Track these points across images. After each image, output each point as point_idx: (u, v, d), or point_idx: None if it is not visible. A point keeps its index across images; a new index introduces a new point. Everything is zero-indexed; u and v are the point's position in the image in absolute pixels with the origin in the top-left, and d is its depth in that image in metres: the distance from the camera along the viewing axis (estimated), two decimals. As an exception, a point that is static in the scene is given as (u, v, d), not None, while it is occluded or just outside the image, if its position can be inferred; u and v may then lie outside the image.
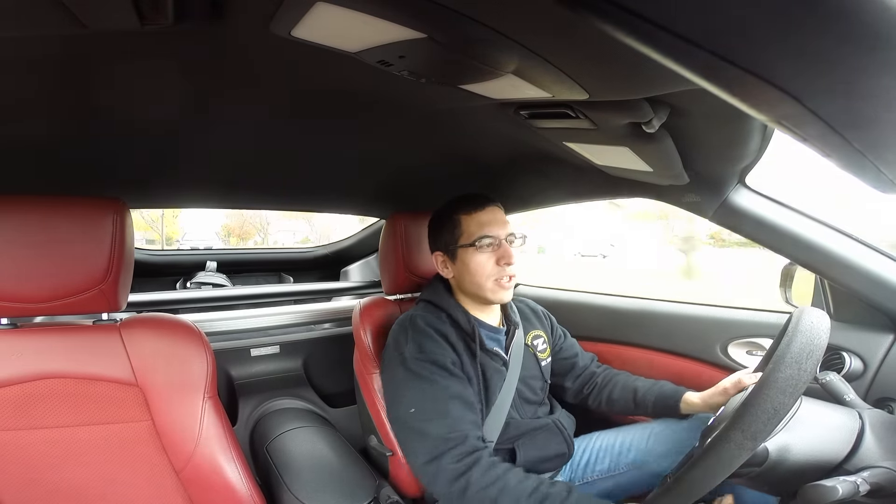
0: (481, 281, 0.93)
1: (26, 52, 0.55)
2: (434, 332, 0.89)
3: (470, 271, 0.94)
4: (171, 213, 9.26)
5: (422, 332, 0.89)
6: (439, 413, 0.81)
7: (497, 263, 0.92)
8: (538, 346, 1.06)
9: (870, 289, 0.87)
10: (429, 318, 0.93)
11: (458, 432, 0.80)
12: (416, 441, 0.82)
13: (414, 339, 0.89)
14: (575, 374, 1.14)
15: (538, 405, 1.02)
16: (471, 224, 0.94)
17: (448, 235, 0.97)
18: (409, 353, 0.87)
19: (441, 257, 1.00)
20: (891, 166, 0.36)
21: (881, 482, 0.59)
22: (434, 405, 0.82)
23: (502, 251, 0.93)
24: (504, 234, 0.94)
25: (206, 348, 0.86)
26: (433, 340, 0.88)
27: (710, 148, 0.81)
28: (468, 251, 0.94)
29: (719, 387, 0.90)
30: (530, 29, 0.46)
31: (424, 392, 0.84)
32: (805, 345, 0.57)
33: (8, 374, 0.75)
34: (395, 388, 0.88)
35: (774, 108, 0.30)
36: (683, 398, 0.97)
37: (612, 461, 1.01)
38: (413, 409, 0.83)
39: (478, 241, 0.92)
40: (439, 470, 0.78)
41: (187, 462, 0.81)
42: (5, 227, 0.73)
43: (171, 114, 0.80)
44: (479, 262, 0.93)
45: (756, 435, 0.55)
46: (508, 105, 0.74)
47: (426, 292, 1.02)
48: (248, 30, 0.53)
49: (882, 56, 0.24)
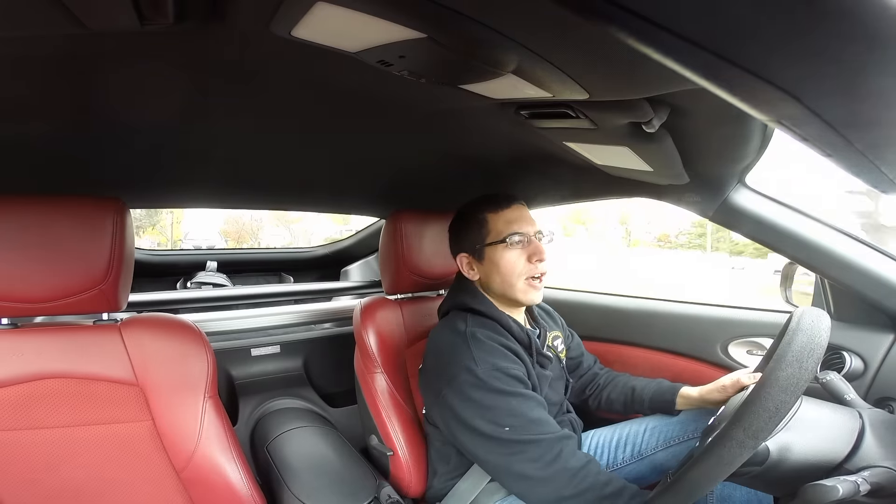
0: (512, 280, 0.90)
1: (26, 51, 0.55)
2: (499, 346, 0.86)
3: (500, 270, 0.91)
4: (176, 219, 9.39)
5: (488, 349, 0.85)
6: (539, 421, 0.79)
7: (529, 261, 0.90)
8: (558, 346, 1.06)
9: (870, 288, 0.87)
10: (487, 331, 0.88)
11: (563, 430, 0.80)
12: (530, 450, 0.77)
13: (482, 357, 0.83)
14: (578, 374, 1.15)
15: (560, 405, 1.02)
16: (498, 222, 0.93)
17: (474, 235, 0.94)
18: (482, 371, 0.82)
19: (466, 259, 0.97)
20: (891, 166, 0.36)
21: (881, 482, 0.59)
22: (531, 413, 0.80)
23: (533, 248, 0.91)
24: (532, 231, 0.93)
25: (206, 348, 0.86)
26: (502, 354, 0.85)
27: (710, 148, 0.81)
28: (497, 249, 0.91)
29: (718, 383, 0.90)
30: (530, 29, 0.46)
31: (515, 406, 0.80)
32: (806, 343, 0.57)
33: (8, 374, 0.75)
34: (475, 408, 0.81)
35: (774, 108, 0.30)
36: (680, 392, 0.97)
37: (611, 456, 1.01)
38: (508, 427, 0.78)
39: (508, 237, 0.90)
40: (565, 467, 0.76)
41: (188, 462, 0.81)
42: (5, 227, 0.73)
43: (171, 114, 0.80)
44: (509, 259, 0.90)
45: (757, 433, 0.55)
46: (508, 105, 0.74)
47: (466, 299, 0.95)
48: (248, 30, 0.53)
49: (882, 56, 0.24)
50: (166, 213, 9.49)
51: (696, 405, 0.95)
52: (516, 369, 0.84)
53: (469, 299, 0.95)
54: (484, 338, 0.86)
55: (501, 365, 0.83)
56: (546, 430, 0.79)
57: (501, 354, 0.85)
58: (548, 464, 0.76)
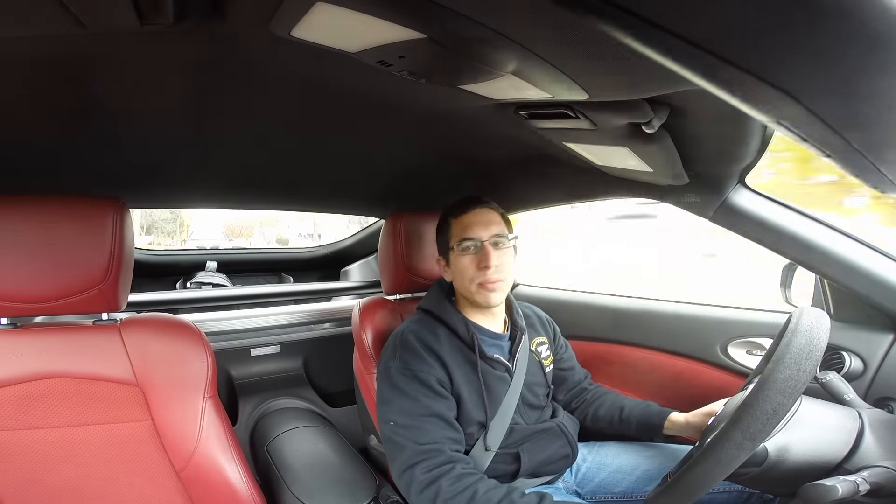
0: (466, 284, 0.93)
1: (26, 51, 0.55)
2: (423, 349, 0.89)
3: (458, 274, 0.94)
4: (185, 224, 9.51)
5: (410, 350, 0.89)
6: (416, 428, 0.83)
7: (477, 267, 0.91)
8: (542, 352, 1.06)
9: (870, 289, 0.87)
10: (422, 332, 0.92)
11: (433, 446, 0.81)
12: (394, 451, 0.84)
13: (401, 356, 0.89)
14: (566, 388, 1.14)
15: (541, 410, 1.02)
16: (457, 227, 0.95)
17: (443, 238, 0.98)
18: (394, 368, 0.88)
19: (441, 261, 1.01)
20: (891, 167, 0.36)
21: (881, 482, 0.59)
22: (411, 420, 0.84)
23: (481, 255, 0.91)
24: (487, 235, 0.92)
25: (206, 348, 0.86)
26: (420, 358, 0.88)
27: (710, 148, 0.81)
28: (454, 254, 0.94)
29: (704, 410, 0.91)
30: (530, 29, 0.46)
31: (404, 407, 0.85)
32: (805, 345, 0.57)
33: (8, 374, 0.75)
34: (380, 400, 0.90)
35: (774, 108, 0.30)
36: (669, 418, 0.97)
37: (631, 485, 0.98)
38: (392, 422, 0.85)
39: (459, 243, 0.92)
40: (412, 480, 0.80)
41: (187, 462, 0.81)
42: (5, 227, 0.73)
43: (171, 113, 0.80)
44: (462, 264, 0.92)
45: (755, 435, 0.55)
46: (508, 105, 0.74)
47: (425, 300, 1.02)
48: (248, 30, 0.53)
49: (882, 56, 0.24)
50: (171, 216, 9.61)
51: (683, 431, 0.95)
52: (426, 373, 0.87)
53: (427, 301, 1.00)
54: (413, 338, 0.91)
55: (413, 366, 0.87)
56: (421, 440, 0.82)
57: (419, 358, 0.88)
58: (401, 471, 0.82)
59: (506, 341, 1.00)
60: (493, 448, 0.91)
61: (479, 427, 0.91)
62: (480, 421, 0.91)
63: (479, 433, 0.91)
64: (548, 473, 0.96)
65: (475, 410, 0.90)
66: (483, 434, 0.90)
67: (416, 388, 0.86)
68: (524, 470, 0.92)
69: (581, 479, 1.03)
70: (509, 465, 0.93)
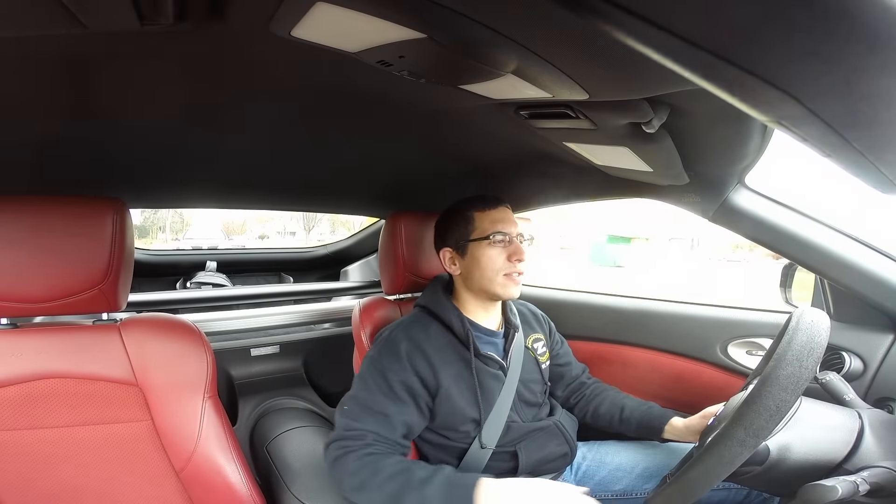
0: (491, 275, 0.95)
1: (26, 52, 0.55)
2: (405, 350, 0.90)
3: (481, 265, 0.95)
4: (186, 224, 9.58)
5: (390, 348, 0.91)
6: (356, 415, 0.84)
7: (508, 259, 0.95)
8: (538, 349, 1.06)
9: (870, 289, 0.87)
10: (411, 330, 0.94)
11: (358, 433, 0.82)
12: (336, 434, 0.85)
13: (380, 350, 0.92)
14: (564, 384, 1.15)
15: (538, 407, 1.02)
16: (484, 220, 0.97)
17: (460, 231, 0.99)
18: (369, 359, 0.92)
19: (449, 253, 1.00)
20: (891, 166, 0.36)
21: (881, 482, 0.59)
22: (358, 408, 0.85)
23: (514, 248, 0.96)
24: (514, 232, 0.97)
25: (206, 348, 0.86)
26: (395, 358, 0.89)
27: (710, 148, 0.81)
28: (481, 245, 0.95)
29: (702, 414, 0.91)
30: (530, 29, 0.46)
31: (359, 396, 0.87)
32: (806, 342, 0.57)
33: (8, 374, 0.75)
34: (354, 382, 0.93)
35: (774, 108, 0.30)
36: (669, 422, 0.97)
37: (631, 483, 1.00)
38: (346, 405, 0.87)
39: (492, 235, 0.95)
40: (326, 456, 0.83)
41: (187, 462, 0.81)
42: (5, 227, 0.73)
43: (171, 113, 0.79)
44: (490, 256, 0.95)
45: (758, 432, 0.55)
46: (508, 105, 0.74)
47: (422, 297, 1.03)
48: (248, 30, 0.53)
49: (882, 56, 0.24)
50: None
51: (682, 437, 0.95)
52: (393, 372, 0.88)
53: (426, 298, 1.02)
54: (400, 337, 0.93)
55: (384, 364, 0.89)
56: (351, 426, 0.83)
57: (395, 358, 0.90)
58: (325, 448, 0.84)
59: (500, 338, 1.01)
60: (490, 446, 0.91)
61: (474, 425, 0.91)
62: (474, 418, 0.91)
63: (474, 431, 0.91)
64: (547, 472, 0.96)
65: (469, 408, 0.91)
66: (478, 432, 0.91)
67: (378, 384, 0.87)
68: (522, 468, 0.92)
69: (581, 477, 1.03)
70: (507, 464, 0.93)
